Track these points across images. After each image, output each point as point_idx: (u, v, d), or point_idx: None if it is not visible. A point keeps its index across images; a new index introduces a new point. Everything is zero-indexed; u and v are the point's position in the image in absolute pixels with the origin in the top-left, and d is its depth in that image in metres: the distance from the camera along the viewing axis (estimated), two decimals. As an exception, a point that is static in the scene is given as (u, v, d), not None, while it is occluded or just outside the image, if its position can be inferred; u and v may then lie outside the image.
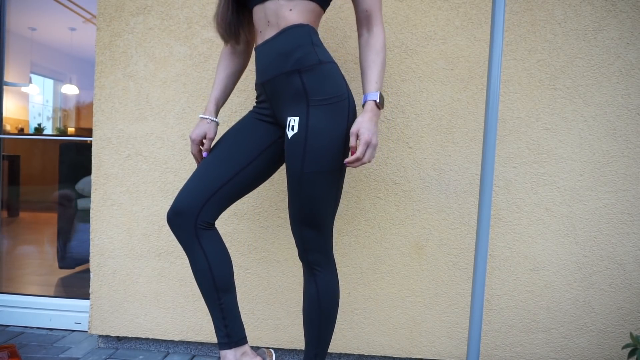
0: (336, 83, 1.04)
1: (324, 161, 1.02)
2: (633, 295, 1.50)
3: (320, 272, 1.14)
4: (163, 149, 1.60)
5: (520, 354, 1.55)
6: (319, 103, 1.02)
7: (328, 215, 1.09)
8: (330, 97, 1.03)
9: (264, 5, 1.06)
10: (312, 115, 1.02)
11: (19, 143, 2.19)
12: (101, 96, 1.62)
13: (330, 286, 1.15)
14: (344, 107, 1.04)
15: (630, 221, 1.48)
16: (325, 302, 1.15)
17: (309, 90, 1.02)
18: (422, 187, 1.53)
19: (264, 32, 1.08)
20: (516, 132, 1.50)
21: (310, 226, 1.08)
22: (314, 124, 1.01)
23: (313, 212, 1.06)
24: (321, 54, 1.05)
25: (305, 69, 1.03)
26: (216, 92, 1.22)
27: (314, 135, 1.01)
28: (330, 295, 1.15)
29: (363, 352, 1.58)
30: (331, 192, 1.06)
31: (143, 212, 1.62)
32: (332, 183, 1.05)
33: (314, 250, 1.11)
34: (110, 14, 1.60)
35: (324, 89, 1.03)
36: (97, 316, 1.66)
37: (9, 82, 2.01)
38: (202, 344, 1.67)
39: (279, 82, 1.06)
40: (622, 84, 1.46)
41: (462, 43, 1.49)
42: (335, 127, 1.02)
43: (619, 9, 1.45)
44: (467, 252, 1.53)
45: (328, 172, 1.03)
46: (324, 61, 1.04)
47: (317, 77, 1.03)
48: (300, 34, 1.04)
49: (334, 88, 1.03)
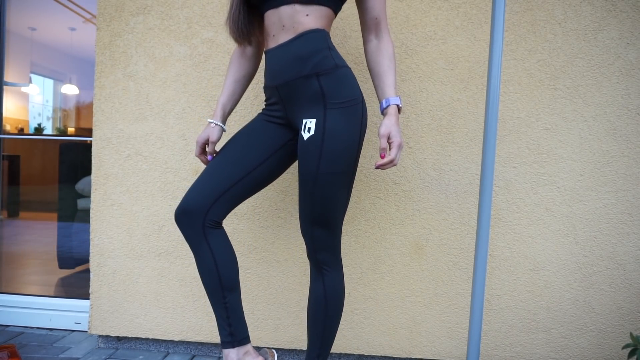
0: (352, 86, 1.07)
1: (340, 162, 1.04)
2: (633, 295, 1.50)
3: (329, 272, 1.16)
4: (163, 149, 1.60)
5: (520, 354, 1.55)
6: (336, 106, 1.04)
7: (339, 216, 1.11)
8: (347, 100, 1.05)
9: (279, 9, 1.07)
10: (329, 117, 1.04)
11: (19, 143, 2.19)
12: (101, 96, 1.62)
13: (337, 286, 1.17)
14: (359, 110, 1.07)
15: (630, 221, 1.48)
16: (331, 303, 1.17)
17: (326, 93, 1.05)
18: (422, 187, 1.53)
19: (278, 36, 1.09)
20: (516, 132, 1.50)
21: (322, 226, 1.10)
22: (330, 126, 1.03)
23: (325, 212, 1.08)
24: (337, 58, 1.08)
25: (323, 73, 1.05)
26: (223, 97, 1.22)
27: (331, 137, 1.03)
28: (337, 296, 1.17)
29: (363, 352, 1.58)
30: (343, 192, 1.09)
31: (143, 212, 1.62)
32: (345, 184, 1.08)
33: (323, 250, 1.13)
34: (110, 14, 1.60)
35: (341, 92, 1.05)
36: (97, 316, 1.66)
37: (9, 82, 2.01)
38: (202, 344, 1.67)
39: (295, 85, 1.08)
40: (622, 84, 1.46)
41: (462, 43, 1.49)
42: (351, 130, 1.05)
43: (619, 9, 1.45)
44: (467, 252, 1.53)
45: (342, 173, 1.06)
46: (340, 65, 1.07)
47: (334, 81, 1.05)
48: (317, 39, 1.06)
49: (350, 91, 1.06)
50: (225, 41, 1.56)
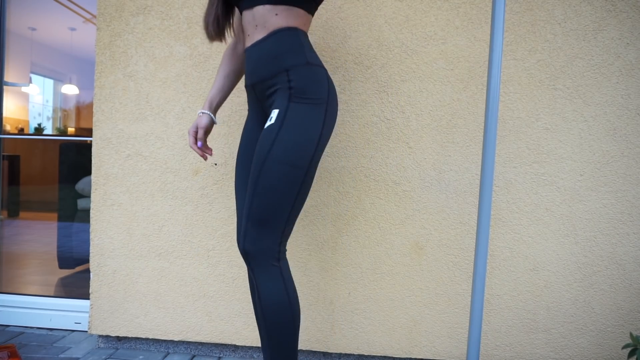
0: (320, 86, 1.06)
1: (291, 153, 1.00)
2: (633, 295, 1.50)
3: (263, 279, 1.03)
4: (163, 149, 1.60)
5: (520, 354, 1.55)
6: (301, 101, 1.04)
7: (279, 216, 1.02)
8: (313, 97, 1.05)
9: (253, 10, 1.09)
10: (292, 109, 1.03)
11: (19, 143, 2.19)
12: (101, 96, 1.62)
13: (273, 297, 1.02)
14: (322, 111, 1.05)
15: (630, 221, 1.48)
16: (269, 314, 1.03)
17: (293, 87, 1.05)
18: (422, 187, 1.53)
19: (252, 35, 1.12)
20: (516, 132, 1.50)
21: (257, 223, 1.02)
22: (291, 117, 1.03)
23: (264, 205, 1.01)
24: (310, 56, 1.08)
25: (292, 68, 1.05)
26: (212, 91, 1.26)
27: (288, 126, 1.02)
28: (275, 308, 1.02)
29: (363, 352, 1.58)
30: (291, 189, 1.01)
31: (143, 212, 1.62)
32: (294, 180, 1.01)
33: (254, 251, 1.03)
34: (110, 14, 1.60)
35: (308, 88, 1.05)
36: (97, 316, 1.66)
37: (9, 82, 2.01)
38: (202, 344, 1.67)
39: (269, 84, 1.09)
40: (622, 84, 1.46)
41: (462, 43, 1.49)
42: (310, 126, 1.03)
43: (619, 9, 1.45)
44: (467, 252, 1.53)
45: (292, 166, 1.00)
46: (312, 63, 1.07)
47: (302, 77, 1.05)
48: (288, 36, 1.07)
49: (318, 90, 1.06)
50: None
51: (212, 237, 1.60)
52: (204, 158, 1.23)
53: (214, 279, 1.61)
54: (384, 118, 1.53)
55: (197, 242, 1.61)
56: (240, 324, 1.61)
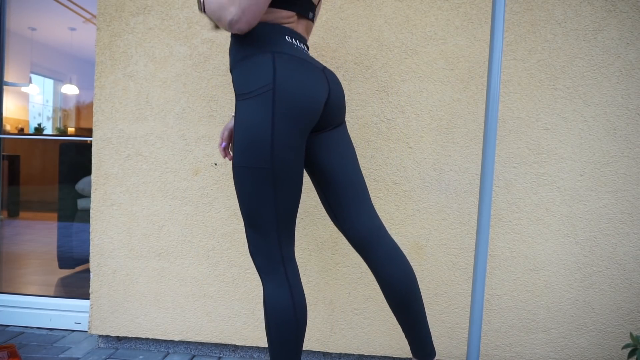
0: (259, 74, 0.97)
1: (245, 156, 0.97)
2: (633, 295, 1.50)
3: (264, 278, 1.02)
4: (163, 149, 1.60)
5: (520, 354, 1.55)
6: (244, 97, 0.98)
7: (266, 216, 0.99)
8: (254, 89, 0.97)
9: None
10: (239, 110, 1.00)
11: (19, 143, 2.19)
12: (101, 96, 1.62)
13: (275, 299, 1.00)
14: (268, 99, 0.95)
15: (630, 221, 1.48)
16: (265, 317, 1.02)
17: (235, 86, 1.01)
18: (422, 187, 1.53)
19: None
20: (516, 132, 1.50)
21: (250, 225, 1.01)
22: (237, 118, 0.99)
23: (248, 209, 1.00)
24: (249, 49, 1.00)
25: (233, 69, 1.02)
26: None
27: (237, 130, 0.98)
28: (268, 312, 1.00)
29: (363, 352, 1.58)
30: (263, 190, 0.97)
31: (143, 212, 1.62)
32: (261, 181, 0.97)
33: (253, 253, 1.03)
34: (110, 14, 1.60)
35: (247, 82, 0.98)
36: (97, 316, 1.66)
37: (9, 82, 2.01)
38: (202, 344, 1.67)
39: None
40: (622, 84, 1.46)
41: (462, 43, 1.49)
42: (258, 121, 0.95)
43: (619, 9, 1.45)
44: (467, 252, 1.53)
45: (252, 168, 0.96)
46: (248, 55, 0.99)
47: (239, 72, 1.00)
48: (234, 35, 1.03)
49: (257, 79, 0.96)
50: (225, 41, 1.56)
51: (212, 237, 1.60)
52: (228, 159, 1.21)
53: (214, 279, 1.61)
54: (384, 118, 1.53)
55: (196, 242, 1.61)
56: (240, 324, 1.61)
